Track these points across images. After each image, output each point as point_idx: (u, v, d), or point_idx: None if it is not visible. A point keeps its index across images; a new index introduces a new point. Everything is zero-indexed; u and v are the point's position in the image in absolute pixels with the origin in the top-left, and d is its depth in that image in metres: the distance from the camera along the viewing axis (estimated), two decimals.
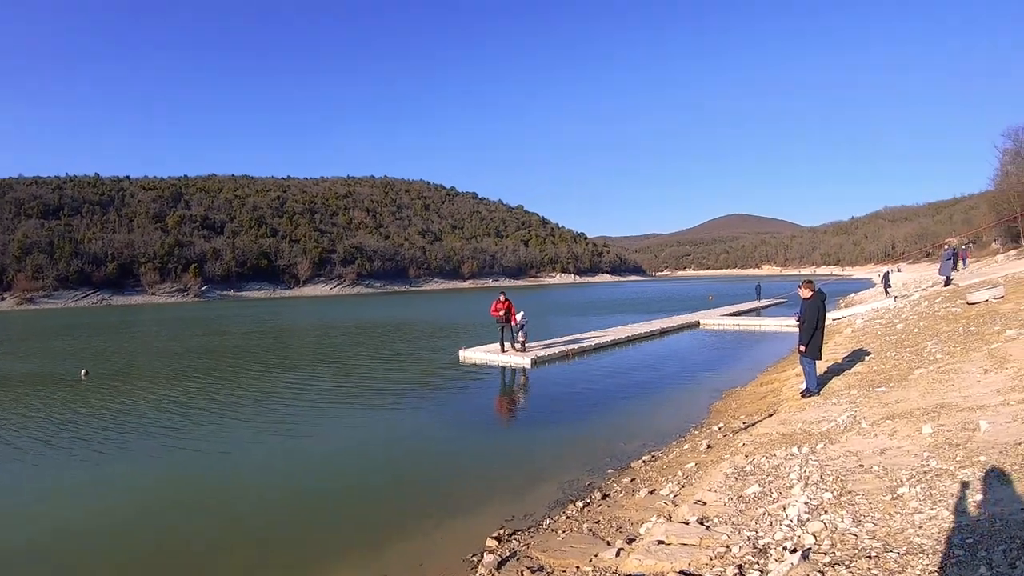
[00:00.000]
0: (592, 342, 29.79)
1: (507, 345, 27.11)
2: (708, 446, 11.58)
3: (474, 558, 8.38)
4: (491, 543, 8.74)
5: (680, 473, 9.99)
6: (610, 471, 11.73)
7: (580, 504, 9.82)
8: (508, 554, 8.13)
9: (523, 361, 25.45)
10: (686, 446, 12.33)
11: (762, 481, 7.81)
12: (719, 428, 13.34)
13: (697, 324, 38.28)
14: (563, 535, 8.44)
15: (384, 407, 19.60)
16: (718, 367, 23.62)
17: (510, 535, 8.99)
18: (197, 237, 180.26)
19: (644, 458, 12.14)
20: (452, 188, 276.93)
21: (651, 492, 9.39)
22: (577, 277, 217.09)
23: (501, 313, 26.74)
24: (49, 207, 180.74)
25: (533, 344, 28.40)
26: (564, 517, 9.36)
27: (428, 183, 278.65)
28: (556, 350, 27.50)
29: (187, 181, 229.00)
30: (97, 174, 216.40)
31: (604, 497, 10.02)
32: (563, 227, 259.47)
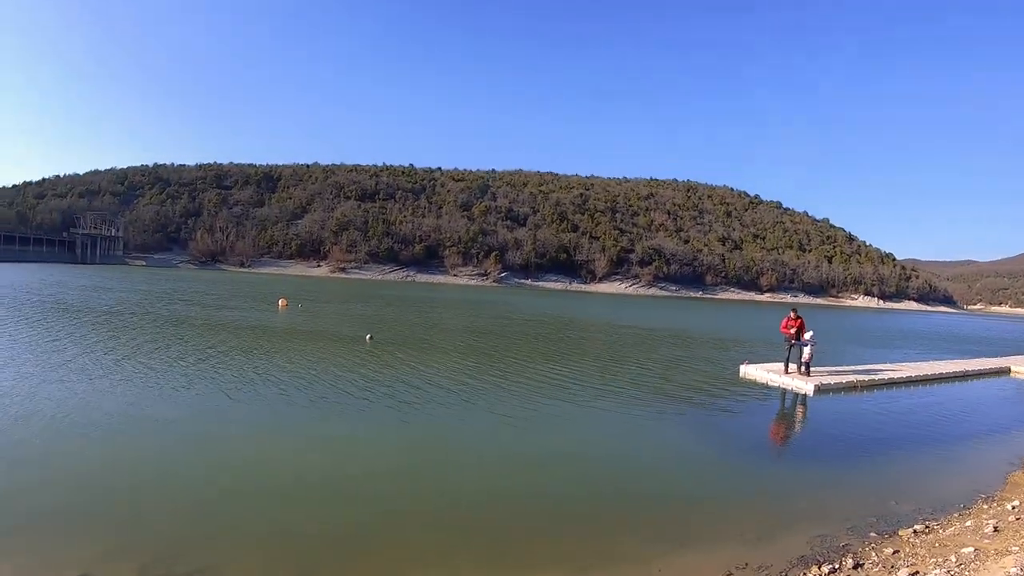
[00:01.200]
0: (884, 375, 27.11)
1: (792, 366, 25.46)
2: (995, 529, 9.66)
3: None
4: None
5: (953, 559, 8.35)
6: (872, 534, 10.15)
7: (826, 570, 8.57)
8: None
9: (806, 387, 23.69)
10: (968, 523, 10.39)
11: None
12: (1013, 508, 11.15)
13: (1008, 371, 33.44)
14: None
15: (644, 414, 18.88)
16: None
17: None
18: (500, 227, 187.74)
19: (916, 527, 10.37)
20: (756, 196, 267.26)
21: (912, 575, 7.90)
22: (881, 302, 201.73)
23: (792, 331, 25.31)
24: (366, 191, 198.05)
25: (819, 369, 26.34)
26: None
27: (731, 189, 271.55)
28: (843, 379, 25.31)
29: (494, 174, 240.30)
30: (411, 164, 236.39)
31: (856, 567, 8.64)
32: (870, 245, 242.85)
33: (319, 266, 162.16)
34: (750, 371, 26.66)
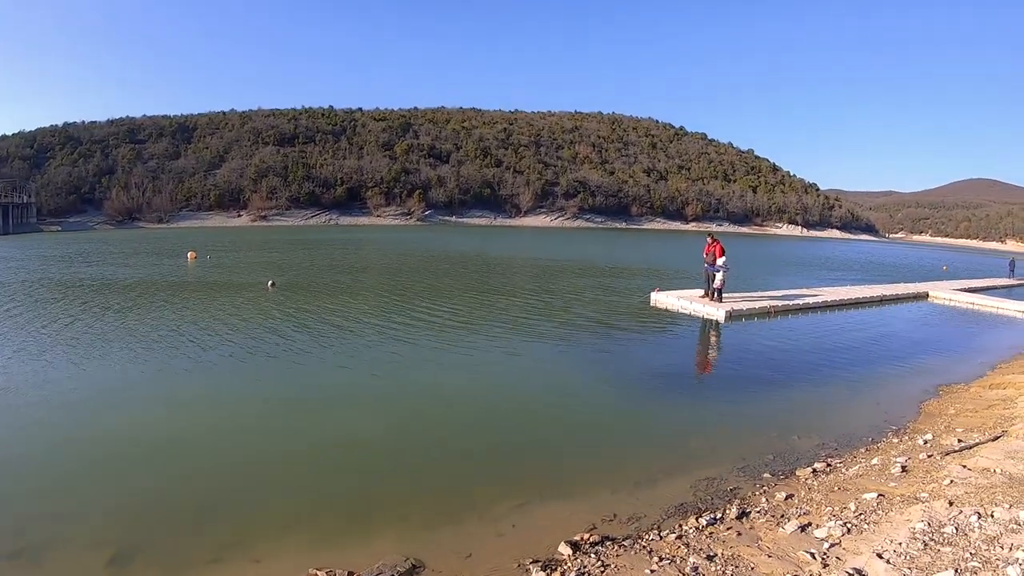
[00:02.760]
0: (800, 301, 26.41)
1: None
2: (903, 469, 8.41)
3: (532, 566, 6.58)
4: (564, 551, 6.84)
5: (852, 506, 7.09)
6: (766, 475, 9.05)
7: (704, 520, 7.39)
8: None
9: (717, 313, 22.91)
10: (875, 461, 9.19)
11: (961, 564, 4.95)
12: (925, 443, 9.97)
13: (925, 296, 32.91)
14: (656, 566, 6.18)
15: (537, 349, 17.97)
16: (941, 352, 19.30)
17: (593, 544, 6.97)
18: (423, 165, 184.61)
19: (816, 466, 9.22)
20: (681, 127, 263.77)
21: (802, 528, 6.66)
22: (804, 230, 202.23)
23: (707, 256, 24.59)
24: (285, 135, 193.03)
25: (733, 295, 25.73)
26: (674, 536, 7.03)
27: (656, 121, 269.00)
28: (757, 304, 24.62)
29: (416, 112, 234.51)
30: (331, 106, 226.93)
31: (740, 517, 7.43)
32: (794, 175, 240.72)
33: (240, 215, 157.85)
34: (661, 298, 25.89)
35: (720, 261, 24.05)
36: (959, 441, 9.56)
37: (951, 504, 6.43)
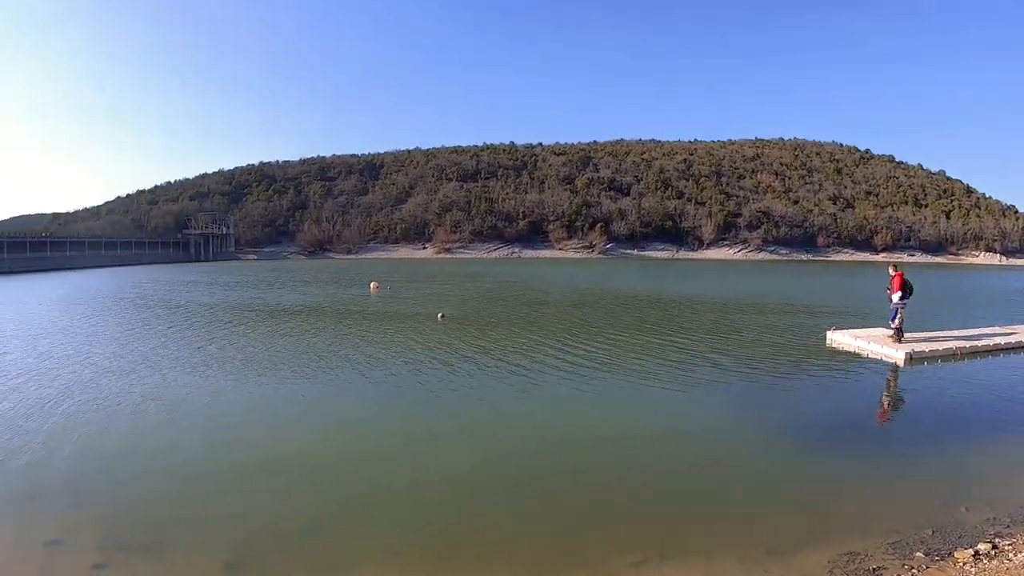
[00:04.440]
0: (992, 340, 23.96)
1: (888, 331, 23.12)
2: None
3: None
4: None
5: None
6: (919, 555, 7.96)
7: None
8: None
9: (896, 355, 21.25)
10: None
11: None
12: None
13: None
14: None
15: (689, 392, 17.13)
16: None
17: None
18: (604, 198, 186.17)
19: (980, 547, 8.04)
20: (867, 150, 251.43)
21: None
22: (1004, 258, 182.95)
23: (888, 290, 23.16)
24: (467, 171, 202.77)
25: (918, 334, 23.95)
26: None
27: (840, 145, 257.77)
28: (941, 345, 22.61)
29: (596, 146, 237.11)
30: (512, 142, 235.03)
31: None
32: (990, 197, 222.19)
33: (424, 248, 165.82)
34: (838, 338, 24.49)
35: (895, 297, 22.62)
36: None
37: None
